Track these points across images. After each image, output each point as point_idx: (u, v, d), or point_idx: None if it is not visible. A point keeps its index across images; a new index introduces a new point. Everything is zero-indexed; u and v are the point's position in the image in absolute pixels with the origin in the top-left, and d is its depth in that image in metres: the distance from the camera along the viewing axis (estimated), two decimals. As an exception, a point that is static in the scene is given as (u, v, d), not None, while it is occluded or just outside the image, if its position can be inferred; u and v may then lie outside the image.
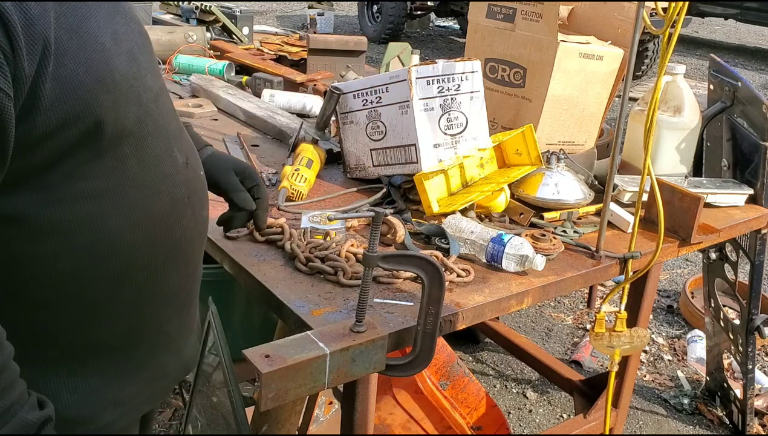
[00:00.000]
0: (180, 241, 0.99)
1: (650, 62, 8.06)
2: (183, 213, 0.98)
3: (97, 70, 0.82)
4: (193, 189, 1.02)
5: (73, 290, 0.88)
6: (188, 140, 1.07)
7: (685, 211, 1.61)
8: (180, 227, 0.98)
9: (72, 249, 0.86)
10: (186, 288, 1.05)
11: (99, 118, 0.82)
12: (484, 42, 1.98)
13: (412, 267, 1.11)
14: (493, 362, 2.88)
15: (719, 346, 2.52)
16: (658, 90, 1.35)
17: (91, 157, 0.84)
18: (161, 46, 2.87)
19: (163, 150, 0.95)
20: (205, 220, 1.08)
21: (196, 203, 1.02)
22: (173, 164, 0.97)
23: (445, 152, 1.64)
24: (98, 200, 0.87)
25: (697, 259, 3.87)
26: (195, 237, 1.03)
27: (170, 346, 1.05)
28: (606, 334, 1.51)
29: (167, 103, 1.00)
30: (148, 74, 0.93)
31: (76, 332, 0.91)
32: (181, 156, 0.99)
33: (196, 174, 1.04)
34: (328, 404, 2.05)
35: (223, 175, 1.28)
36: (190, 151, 1.05)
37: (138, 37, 0.94)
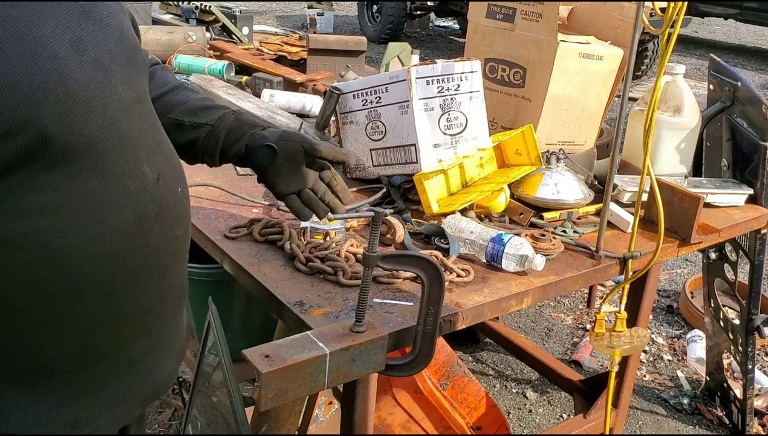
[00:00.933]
0: (145, 260, 0.94)
1: (650, 62, 8.06)
2: (149, 231, 0.93)
3: (44, 78, 0.78)
4: (165, 206, 0.96)
5: (20, 307, 0.84)
6: (167, 154, 1.02)
7: (684, 211, 1.61)
8: (146, 245, 0.93)
9: (20, 264, 0.82)
10: (155, 309, 0.99)
11: (43, 130, 0.78)
12: (483, 42, 1.98)
13: (411, 267, 1.11)
14: (493, 362, 2.88)
15: (719, 346, 2.52)
16: (658, 90, 1.35)
17: (41, 169, 0.80)
18: (161, 46, 2.87)
19: (130, 164, 0.90)
20: (179, 238, 1.02)
21: (167, 221, 0.97)
22: (140, 179, 0.92)
23: (444, 152, 1.64)
24: (51, 214, 0.82)
25: (697, 259, 3.87)
26: (164, 255, 0.98)
27: (135, 368, 1.00)
28: (606, 334, 1.51)
29: (143, 114, 0.96)
30: (120, 84, 0.89)
31: (25, 351, 0.87)
32: (152, 171, 0.94)
33: (170, 190, 0.99)
34: (328, 404, 2.05)
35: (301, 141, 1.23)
36: (167, 165, 1.00)
37: (114, 45, 0.90)
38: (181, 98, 1.25)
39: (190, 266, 2.01)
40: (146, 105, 0.99)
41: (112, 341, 0.94)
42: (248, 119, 1.27)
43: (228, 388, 1.36)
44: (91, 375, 0.93)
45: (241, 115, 1.27)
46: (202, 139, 1.23)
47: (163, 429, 2.37)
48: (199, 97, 1.28)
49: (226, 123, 1.24)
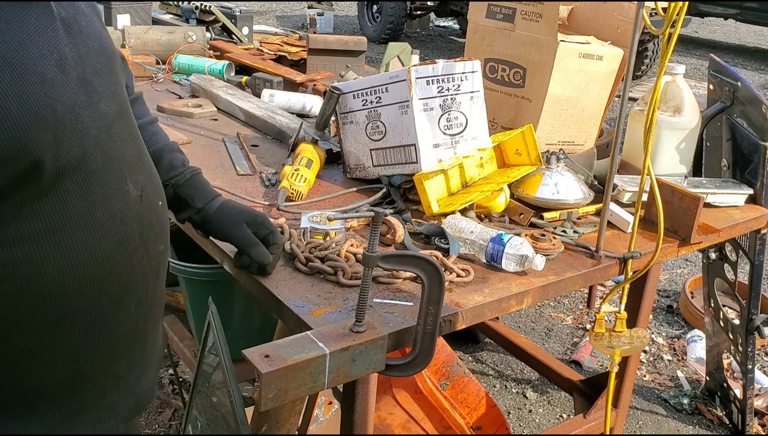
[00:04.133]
0: (129, 281, 0.93)
1: (650, 62, 8.06)
2: (133, 251, 0.92)
3: (34, 105, 0.75)
4: (148, 224, 0.96)
5: (4, 338, 0.82)
6: (147, 168, 1.00)
7: (684, 211, 1.61)
8: (129, 266, 0.92)
9: (6, 294, 0.80)
10: (138, 326, 0.99)
11: (37, 158, 0.75)
12: (483, 42, 1.98)
13: (411, 267, 1.11)
14: (493, 362, 2.88)
15: (719, 346, 2.52)
16: (658, 90, 1.35)
17: (28, 198, 0.78)
18: (161, 46, 2.87)
19: (114, 184, 0.88)
20: (161, 254, 1.01)
21: (150, 238, 0.96)
22: (124, 199, 0.90)
23: (444, 152, 1.64)
24: (37, 243, 0.80)
25: (697, 259, 3.87)
26: (148, 274, 0.97)
27: (120, 385, 0.99)
28: (606, 334, 1.51)
29: (125, 128, 0.93)
30: (103, 99, 0.87)
31: (11, 380, 0.85)
32: (135, 189, 0.92)
33: (152, 206, 0.98)
34: (328, 404, 2.05)
35: (235, 230, 1.24)
36: (148, 180, 0.98)
37: (95, 57, 0.88)
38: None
39: (191, 266, 2.01)
40: (128, 117, 0.96)
41: (97, 363, 0.93)
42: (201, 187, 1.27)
43: (228, 388, 1.36)
44: (77, 398, 0.93)
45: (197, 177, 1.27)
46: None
47: (163, 429, 2.37)
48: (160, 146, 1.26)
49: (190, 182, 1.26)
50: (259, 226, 1.25)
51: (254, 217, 1.25)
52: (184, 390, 2.37)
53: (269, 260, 1.25)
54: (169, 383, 2.59)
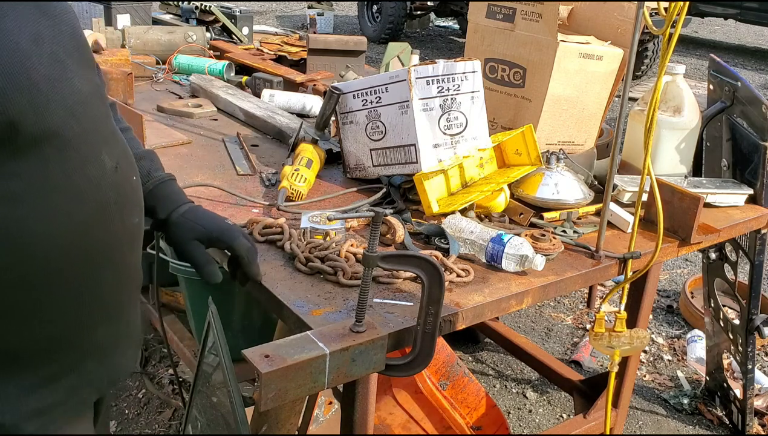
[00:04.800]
0: (107, 247, 0.95)
1: (650, 62, 8.07)
2: (111, 219, 0.95)
3: (9, 69, 0.80)
4: (123, 193, 0.98)
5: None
6: (122, 146, 1.03)
7: (684, 211, 1.61)
8: (107, 233, 0.95)
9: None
10: (116, 296, 1.01)
11: (11, 119, 0.80)
12: (483, 42, 1.98)
13: (411, 267, 1.11)
14: (493, 362, 2.88)
15: (719, 346, 2.52)
16: (658, 90, 1.35)
17: (8, 156, 0.82)
18: (161, 46, 2.87)
19: (90, 153, 0.92)
20: (136, 226, 1.02)
21: (125, 208, 0.99)
22: (100, 168, 0.93)
23: (444, 152, 1.64)
24: (17, 202, 0.83)
25: (697, 259, 3.86)
26: (125, 243, 0.99)
27: (98, 354, 1.01)
28: (606, 334, 1.51)
29: (99, 107, 0.97)
30: (76, 77, 0.91)
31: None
32: (110, 160, 0.95)
33: (126, 178, 1.00)
34: (328, 404, 2.05)
35: (186, 247, 1.19)
36: (123, 155, 1.01)
37: (68, 40, 0.92)
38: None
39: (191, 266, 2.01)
40: (101, 99, 1.00)
41: (75, 328, 0.95)
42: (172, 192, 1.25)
43: (228, 388, 1.36)
44: (55, 363, 0.94)
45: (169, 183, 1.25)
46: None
47: (163, 429, 2.37)
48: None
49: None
50: (214, 242, 1.20)
51: (208, 233, 1.19)
52: (184, 390, 2.37)
53: (217, 279, 1.19)
54: (169, 383, 2.59)
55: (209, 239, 1.19)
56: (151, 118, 2.16)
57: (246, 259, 1.21)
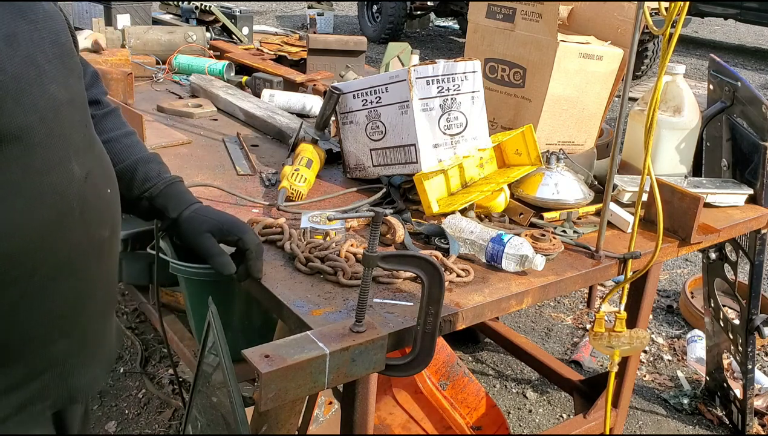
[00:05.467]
0: (67, 258, 0.92)
1: (650, 62, 8.07)
2: (72, 228, 0.92)
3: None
4: (92, 205, 0.95)
5: None
6: (99, 156, 1.01)
7: (684, 211, 1.61)
8: (67, 243, 0.91)
9: None
10: (77, 310, 0.97)
11: None
12: (483, 42, 1.98)
13: (411, 267, 1.11)
14: (493, 362, 2.88)
15: (719, 346, 2.52)
16: (658, 90, 1.35)
17: None
18: (161, 46, 2.87)
19: (56, 160, 0.89)
20: (105, 240, 0.99)
21: (93, 220, 0.96)
22: (67, 176, 0.90)
23: (444, 152, 1.64)
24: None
25: (697, 259, 3.87)
26: (90, 256, 0.96)
27: (54, 370, 0.97)
28: (606, 334, 1.51)
29: (75, 115, 0.95)
30: (53, 83, 0.89)
31: None
32: (80, 169, 0.93)
33: (98, 190, 0.98)
34: (328, 404, 2.05)
35: (197, 239, 1.21)
36: (98, 167, 0.99)
37: (49, 46, 0.90)
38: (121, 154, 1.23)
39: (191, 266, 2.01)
40: (80, 107, 0.98)
41: (28, 340, 0.92)
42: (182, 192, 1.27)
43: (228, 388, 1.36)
44: (6, 375, 0.91)
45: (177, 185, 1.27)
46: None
47: (163, 429, 2.37)
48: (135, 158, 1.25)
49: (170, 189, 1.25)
50: (225, 234, 1.22)
51: (219, 225, 1.22)
52: (184, 390, 2.37)
53: (230, 269, 1.22)
54: (169, 383, 2.59)
55: (220, 231, 1.22)
56: (151, 119, 2.16)
57: (254, 253, 1.23)
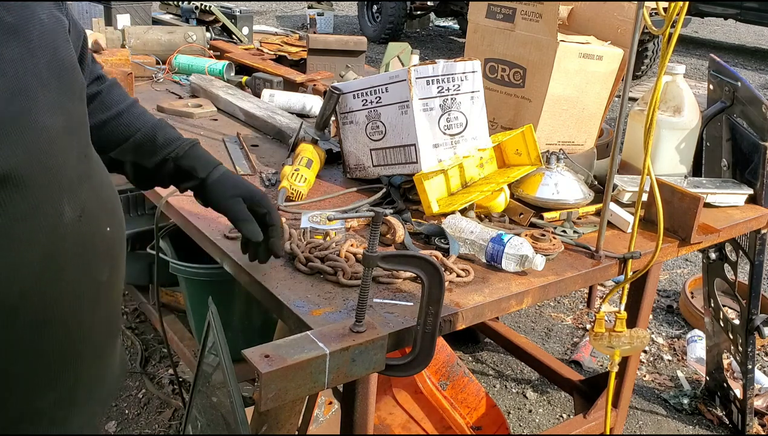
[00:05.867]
0: (55, 304, 0.86)
1: (650, 62, 8.06)
2: (61, 273, 0.86)
3: None
4: (87, 247, 0.89)
5: None
6: (96, 190, 0.94)
7: (684, 211, 1.61)
8: (56, 289, 0.86)
9: None
10: (67, 357, 0.91)
11: None
12: (483, 42, 1.98)
13: (411, 267, 1.11)
14: (493, 362, 2.88)
15: (719, 346, 2.52)
16: (658, 90, 1.35)
17: None
18: (161, 46, 2.87)
19: (45, 201, 0.83)
20: (103, 283, 0.94)
21: (87, 263, 0.90)
22: (56, 217, 0.84)
23: (444, 152, 1.64)
24: None
25: (697, 259, 3.86)
26: (83, 301, 0.90)
27: (42, 421, 0.92)
28: (606, 334, 1.51)
29: (71, 145, 0.88)
30: (46, 113, 0.82)
31: None
32: (72, 209, 0.86)
33: (95, 229, 0.92)
34: (328, 404, 2.05)
35: (229, 202, 1.19)
36: (95, 202, 0.92)
37: (44, 68, 0.83)
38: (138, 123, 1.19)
39: (191, 266, 2.01)
40: (77, 134, 0.91)
41: (12, 392, 0.86)
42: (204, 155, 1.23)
43: (228, 388, 1.36)
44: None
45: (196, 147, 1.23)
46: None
47: (163, 429, 2.37)
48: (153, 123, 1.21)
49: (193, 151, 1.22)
50: (256, 204, 1.21)
51: (251, 194, 1.21)
52: (184, 390, 2.37)
53: (260, 237, 1.20)
54: (169, 383, 2.59)
55: (251, 200, 1.20)
56: (151, 118, 2.15)
57: (278, 230, 1.23)
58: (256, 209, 1.21)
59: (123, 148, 1.16)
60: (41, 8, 0.87)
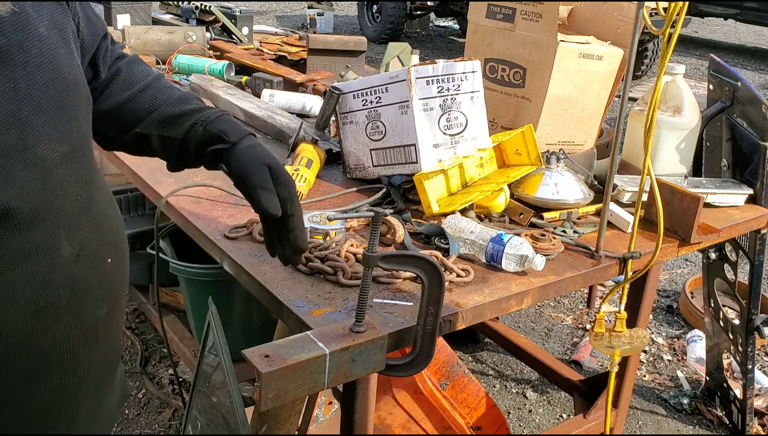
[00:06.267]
0: (49, 353, 0.81)
1: (650, 62, 8.07)
2: (56, 320, 0.81)
3: None
4: (83, 287, 0.84)
5: None
6: (97, 220, 0.88)
7: (684, 211, 1.61)
8: (49, 338, 0.80)
9: None
10: (63, 402, 0.87)
11: None
12: (483, 42, 1.98)
13: (411, 267, 1.11)
14: (493, 362, 2.88)
15: (719, 346, 2.52)
16: (658, 90, 1.35)
17: None
18: (161, 46, 2.87)
19: (40, 242, 0.77)
20: (100, 319, 0.88)
21: (83, 304, 0.84)
22: (50, 260, 0.78)
23: (444, 152, 1.64)
24: None
25: (697, 259, 3.87)
26: (78, 344, 0.85)
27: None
28: (606, 334, 1.51)
29: (71, 174, 0.82)
30: (43, 142, 0.76)
31: None
32: (70, 247, 0.81)
33: (94, 266, 0.86)
34: (328, 404, 2.05)
35: (254, 168, 1.05)
36: (94, 235, 0.86)
37: (42, 91, 0.77)
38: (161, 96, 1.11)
39: (191, 266, 2.01)
40: (79, 160, 0.85)
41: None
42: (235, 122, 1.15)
43: (228, 388, 1.36)
44: None
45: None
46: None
47: (163, 429, 2.37)
48: (178, 95, 1.14)
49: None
50: (280, 182, 1.06)
51: (279, 169, 1.07)
52: (184, 390, 2.37)
53: (277, 210, 1.04)
54: (169, 383, 2.59)
55: (277, 171, 1.07)
56: (151, 118, 2.15)
57: (301, 220, 1.09)
58: (277, 187, 1.06)
59: (148, 122, 1.09)
60: (40, 20, 0.80)
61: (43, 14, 0.82)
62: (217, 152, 1.09)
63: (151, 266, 2.32)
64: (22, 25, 0.77)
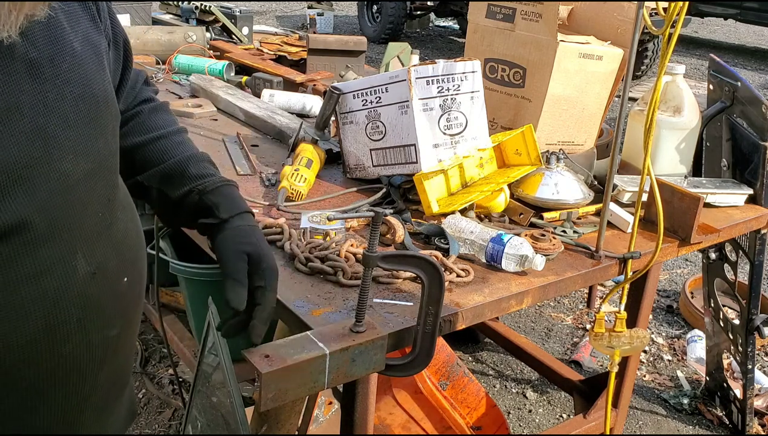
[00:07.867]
0: (55, 372, 0.79)
1: (650, 62, 8.07)
2: (65, 339, 0.79)
3: None
4: (95, 306, 0.82)
5: None
6: (118, 239, 0.86)
7: (684, 211, 1.61)
8: (56, 356, 0.79)
9: None
10: (67, 421, 0.85)
11: None
12: (483, 42, 1.98)
13: (411, 267, 1.11)
14: (493, 362, 2.88)
15: (719, 346, 2.52)
16: (658, 90, 1.35)
17: None
18: (161, 46, 2.87)
19: (56, 258, 0.76)
20: (111, 339, 0.86)
21: (94, 324, 0.82)
22: (64, 278, 0.77)
23: (444, 152, 1.64)
24: None
25: (697, 259, 3.86)
26: (85, 364, 0.83)
27: None
28: (606, 334, 1.51)
29: (95, 190, 0.81)
30: (68, 156, 0.75)
31: None
32: (87, 264, 0.79)
33: (109, 285, 0.84)
34: (328, 404, 2.05)
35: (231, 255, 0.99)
36: (113, 254, 0.85)
37: (71, 106, 0.76)
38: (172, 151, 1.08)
39: (191, 266, 2.01)
40: (103, 177, 0.83)
41: None
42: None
43: (228, 388, 1.36)
44: None
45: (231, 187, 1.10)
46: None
47: (163, 429, 2.37)
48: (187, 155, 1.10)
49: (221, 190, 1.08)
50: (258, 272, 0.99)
51: (259, 259, 0.99)
52: (184, 390, 2.37)
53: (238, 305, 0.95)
54: (169, 383, 2.59)
55: (257, 265, 0.99)
56: (151, 118, 2.15)
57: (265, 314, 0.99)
58: (253, 278, 0.98)
59: (151, 174, 1.06)
60: (75, 35, 0.80)
61: (78, 30, 0.81)
62: (206, 226, 1.06)
63: (151, 266, 2.32)
64: (55, 39, 0.77)
